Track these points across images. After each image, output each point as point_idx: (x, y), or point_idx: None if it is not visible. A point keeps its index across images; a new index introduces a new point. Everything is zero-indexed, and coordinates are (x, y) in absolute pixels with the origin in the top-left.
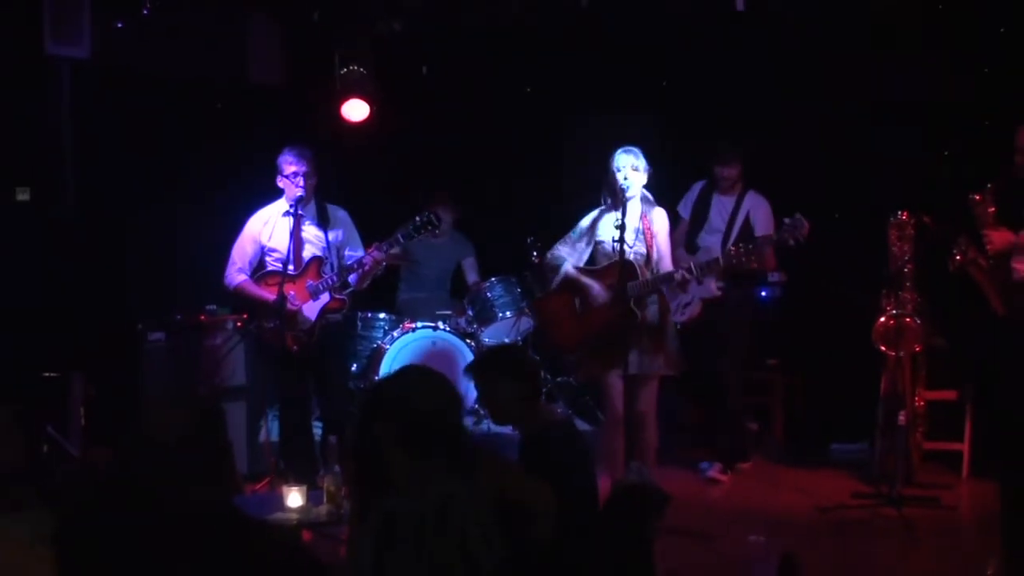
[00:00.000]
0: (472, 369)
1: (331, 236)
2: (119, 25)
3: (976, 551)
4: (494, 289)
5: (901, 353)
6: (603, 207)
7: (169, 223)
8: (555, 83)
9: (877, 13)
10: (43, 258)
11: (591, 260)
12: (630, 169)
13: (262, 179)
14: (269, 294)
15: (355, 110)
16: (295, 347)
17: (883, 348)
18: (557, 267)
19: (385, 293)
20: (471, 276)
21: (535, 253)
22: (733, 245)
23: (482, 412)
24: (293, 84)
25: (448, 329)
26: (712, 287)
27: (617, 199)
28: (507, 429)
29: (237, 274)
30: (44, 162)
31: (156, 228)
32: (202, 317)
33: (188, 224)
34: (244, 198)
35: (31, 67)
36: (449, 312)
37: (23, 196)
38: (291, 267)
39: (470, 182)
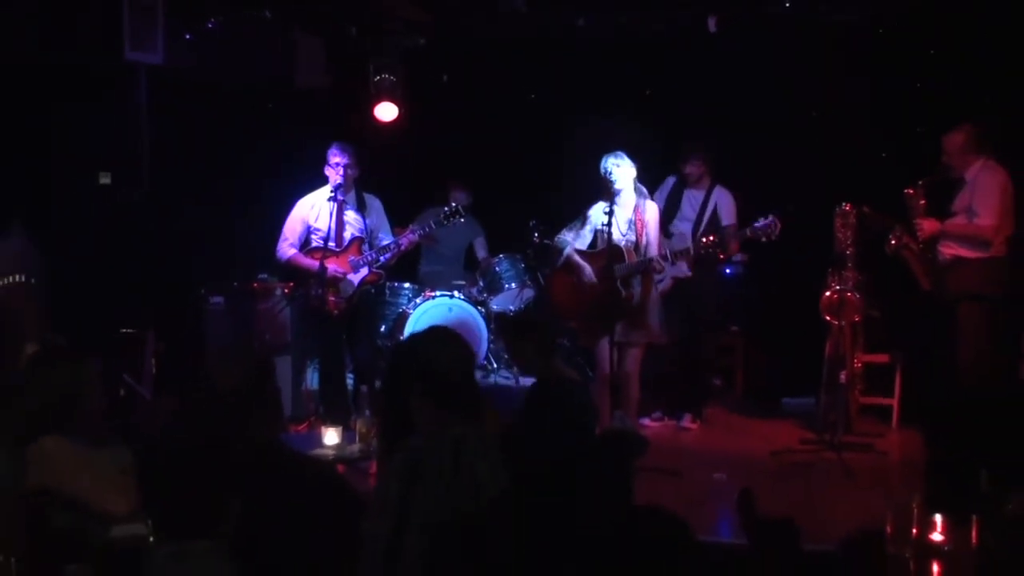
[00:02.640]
0: (503, 331)
1: (367, 220)
2: (187, 36)
3: (903, 488)
4: (501, 264)
5: (843, 322)
6: (601, 200)
7: (227, 204)
8: (556, 90)
9: (828, 40)
10: (121, 232)
11: (593, 244)
12: (613, 166)
13: (306, 169)
14: (315, 265)
15: (386, 111)
16: (335, 311)
17: (828, 318)
18: (560, 250)
19: (409, 266)
20: (481, 253)
21: (536, 234)
22: (704, 237)
23: (490, 367)
24: (333, 89)
25: (462, 297)
26: (683, 267)
27: (608, 193)
28: (510, 382)
29: (288, 248)
30: (123, 151)
31: (216, 208)
32: (255, 284)
33: (243, 206)
34: (290, 184)
35: (113, 71)
36: (463, 283)
37: (105, 180)
38: (332, 244)
39: (482, 173)
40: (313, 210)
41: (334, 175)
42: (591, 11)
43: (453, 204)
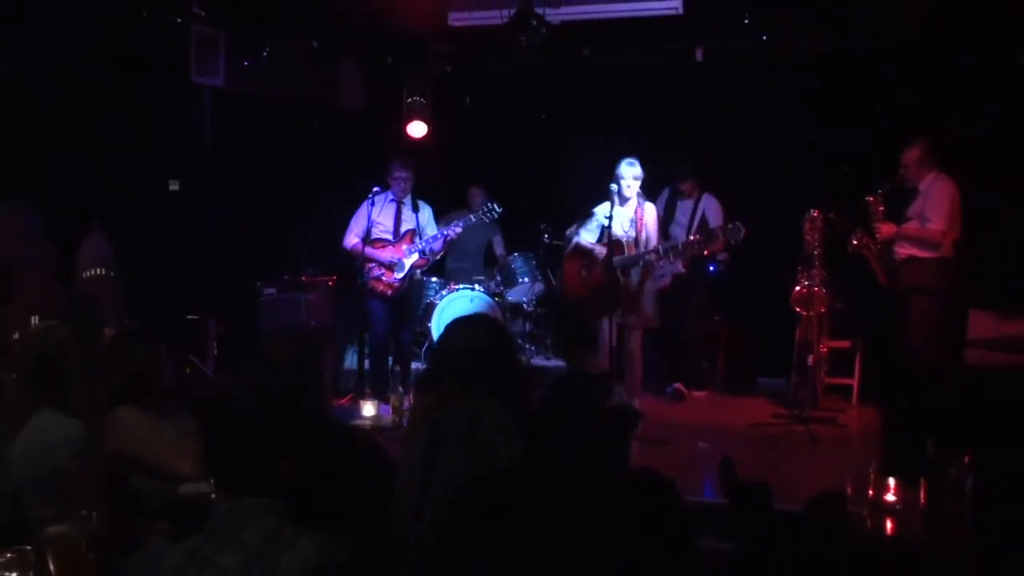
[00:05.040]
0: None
1: (419, 217)
2: (245, 63)
3: (861, 455)
4: (516, 261)
5: (811, 313)
6: (609, 201)
7: (279, 208)
8: (563, 111)
9: (799, 69)
10: (188, 232)
11: (600, 239)
12: (632, 179)
13: (348, 178)
14: (377, 253)
15: (417, 129)
16: (388, 291)
17: (798, 309)
18: (571, 239)
19: (437, 263)
20: (499, 251)
21: (546, 236)
22: (691, 235)
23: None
24: (371, 109)
25: (482, 290)
26: (679, 266)
27: (619, 197)
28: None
29: (353, 238)
30: (190, 161)
31: (270, 211)
32: (303, 277)
33: (293, 209)
34: (334, 191)
35: (181, 92)
36: (483, 277)
37: (174, 187)
38: (391, 236)
39: (499, 182)
40: (375, 208)
41: (398, 183)
42: (595, 43)
43: (490, 204)
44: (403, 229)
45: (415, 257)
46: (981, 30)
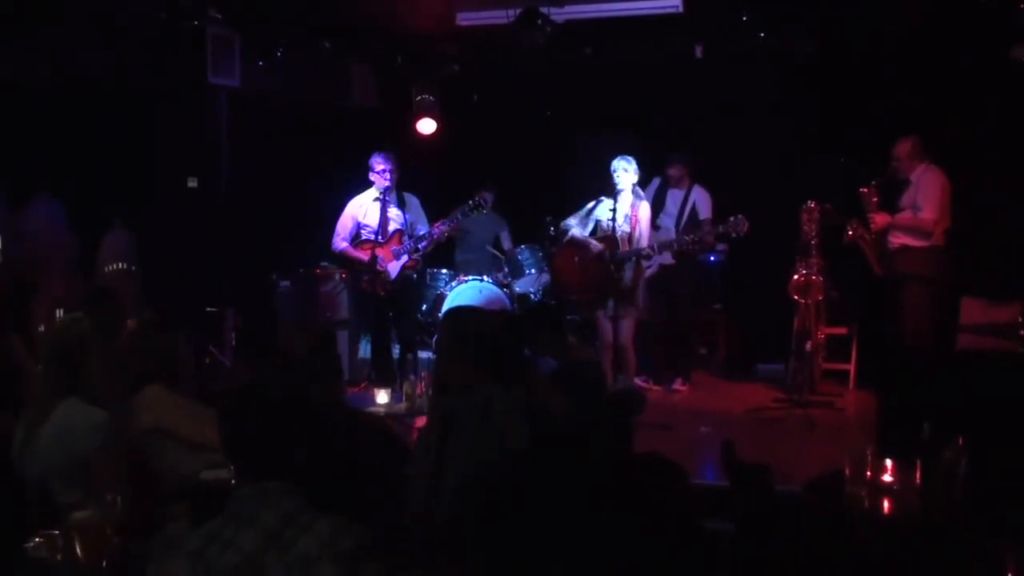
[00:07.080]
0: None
1: (407, 215)
2: (260, 64)
3: (857, 438)
4: (523, 253)
5: (808, 301)
6: (603, 196)
7: (294, 203)
8: (566, 107)
9: (796, 66)
10: (206, 227)
11: (592, 233)
12: (622, 171)
13: (360, 174)
14: (364, 256)
15: (426, 126)
16: (382, 292)
17: (796, 297)
18: (567, 231)
19: (446, 255)
20: (506, 244)
21: (551, 229)
22: (687, 235)
23: None
24: (382, 107)
25: (490, 281)
26: (667, 256)
27: (611, 189)
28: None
29: (341, 242)
30: (207, 159)
31: (285, 207)
32: (317, 270)
33: (308, 203)
34: (347, 187)
35: (198, 93)
36: (491, 269)
37: (192, 183)
38: (379, 237)
39: (506, 177)
40: (362, 209)
41: (380, 179)
42: (597, 42)
43: (476, 199)
44: (390, 229)
45: (404, 259)
46: (976, 28)
